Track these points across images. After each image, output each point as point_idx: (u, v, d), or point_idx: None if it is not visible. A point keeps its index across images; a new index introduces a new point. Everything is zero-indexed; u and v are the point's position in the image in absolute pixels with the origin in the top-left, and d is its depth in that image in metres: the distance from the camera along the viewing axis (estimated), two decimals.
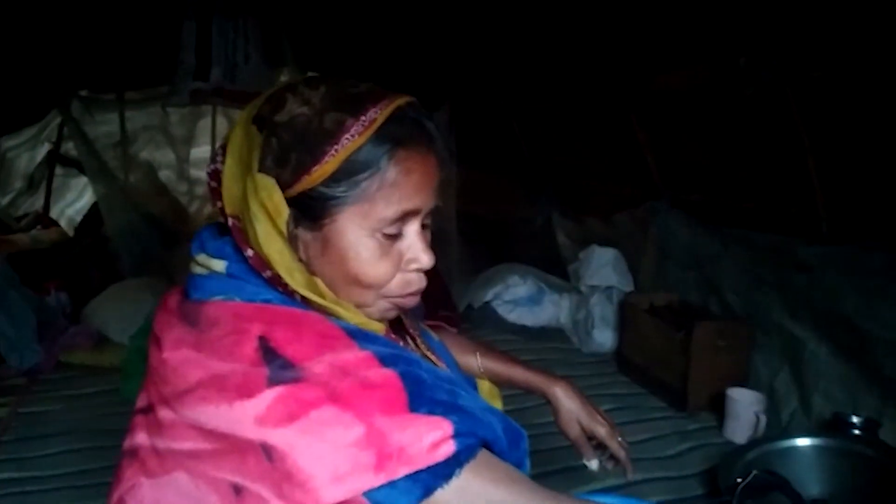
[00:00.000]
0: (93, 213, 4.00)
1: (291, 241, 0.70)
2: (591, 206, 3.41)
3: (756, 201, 2.40)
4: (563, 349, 3.02)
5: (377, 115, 0.68)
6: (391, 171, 0.69)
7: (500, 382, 1.12)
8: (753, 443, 1.90)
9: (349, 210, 0.69)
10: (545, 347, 3.01)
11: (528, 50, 3.16)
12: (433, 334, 1.03)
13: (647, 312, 2.59)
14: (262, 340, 0.64)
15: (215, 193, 0.73)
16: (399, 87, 0.73)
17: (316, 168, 0.67)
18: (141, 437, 0.69)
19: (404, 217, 0.71)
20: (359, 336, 0.68)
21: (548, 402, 1.10)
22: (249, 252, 0.70)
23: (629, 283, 2.99)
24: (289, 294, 0.70)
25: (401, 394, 0.63)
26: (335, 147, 0.67)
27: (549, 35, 2.89)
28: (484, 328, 3.17)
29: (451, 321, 2.93)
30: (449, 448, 0.62)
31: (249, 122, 0.70)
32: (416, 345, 0.90)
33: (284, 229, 0.68)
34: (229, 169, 0.71)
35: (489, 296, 3.27)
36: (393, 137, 0.68)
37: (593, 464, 1.10)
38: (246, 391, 0.61)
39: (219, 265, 0.72)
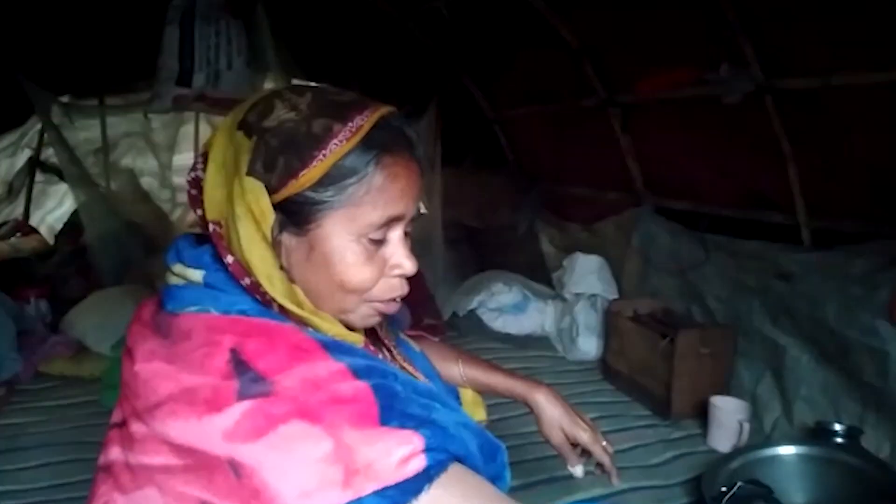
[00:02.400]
0: (73, 220, 3.95)
1: (275, 247, 0.69)
2: (574, 213, 3.42)
3: (738, 208, 2.42)
4: (548, 357, 3.02)
5: (363, 121, 0.69)
6: (378, 177, 0.69)
7: (481, 390, 1.13)
8: (737, 451, 1.90)
9: (335, 215, 0.69)
10: (530, 355, 3.01)
11: (513, 56, 3.17)
12: (413, 344, 1.02)
13: (631, 320, 2.60)
14: (234, 353, 0.63)
15: (195, 201, 0.73)
16: (383, 93, 0.75)
17: (304, 172, 0.67)
18: (114, 453, 0.68)
19: (389, 222, 0.72)
20: (333, 348, 0.67)
21: (530, 410, 1.11)
22: (230, 259, 0.69)
23: (613, 291, 3.00)
24: (266, 303, 0.70)
25: (372, 407, 0.62)
26: (323, 152, 0.67)
27: (533, 41, 2.90)
28: (469, 336, 3.17)
29: (435, 329, 2.92)
30: (419, 463, 0.61)
31: (234, 129, 0.70)
32: (393, 356, 0.89)
33: (269, 234, 0.68)
34: (211, 175, 0.70)
35: (474, 303, 3.27)
36: (378, 144, 0.69)
37: (578, 470, 1.10)
38: (215, 405, 0.60)
39: (195, 275, 0.72)
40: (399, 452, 0.60)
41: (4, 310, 2.73)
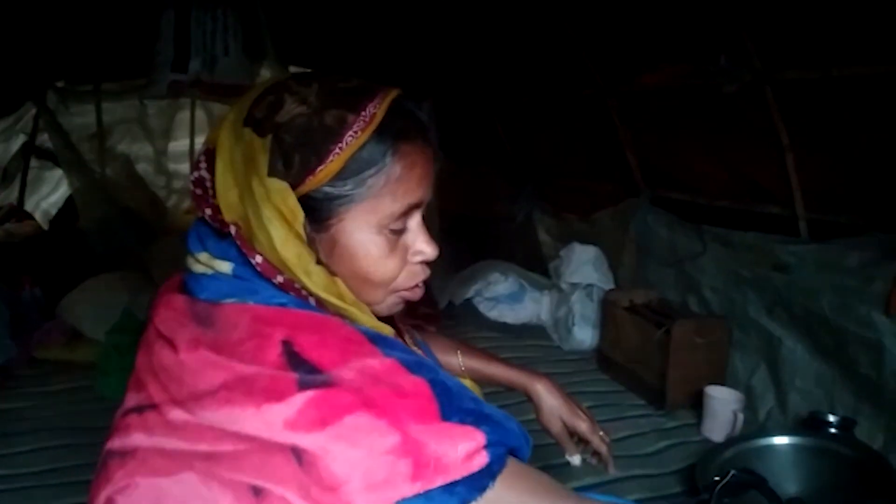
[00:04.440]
0: (68, 206, 3.94)
1: (310, 243, 0.68)
2: (571, 203, 3.42)
3: (735, 200, 2.42)
4: (544, 346, 3.02)
5: (376, 109, 0.68)
6: (396, 166, 0.68)
7: (481, 380, 1.12)
8: (731, 441, 1.91)
9: (356, 208, 0.68)
10: (526, 345, 3.01)
11: (511, 47, 3.16)
12: (418, 336, 1.02)
13: (627, 310, 2.60)
14: (287, 345, 0.62)
15: (201, 201, 0.71)
16: (381, 81, 0.72)
17: (321, 168, 0.66)
18: (138, 438, 0.66)
19: (409, 211, 0.71)
20: (380, 342, 0.66)
21: (529, 399, 1.12)
22: (258, 258, 0.67)
23: (609, 281, 3.00)
24: (303, 298, 0.69)
25: (432, 402, 0.62)
26: (339, 145, 0.66)
27: (532, 32, 2.89)
28: (465, 325, 3.18)
29: (432, 318, 2.93)
30: (482, 459, 0.61)
31: (239, 125, 0.68)
32: (408, 345, 0.89)
33: (302, 232, 0.67)
34: (221, 175, 0.68)
35: (470, 293, 3.27)
36: (394, 131, 0.68)
37: (575, 459, 1.12)
38: (275, 395, 0.59)
39: (224, 266, 0.70)
40: (464, 448, 0.60)
41: None
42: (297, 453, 0.58)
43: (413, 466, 0.58)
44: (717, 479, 1.34)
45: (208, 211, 0.71)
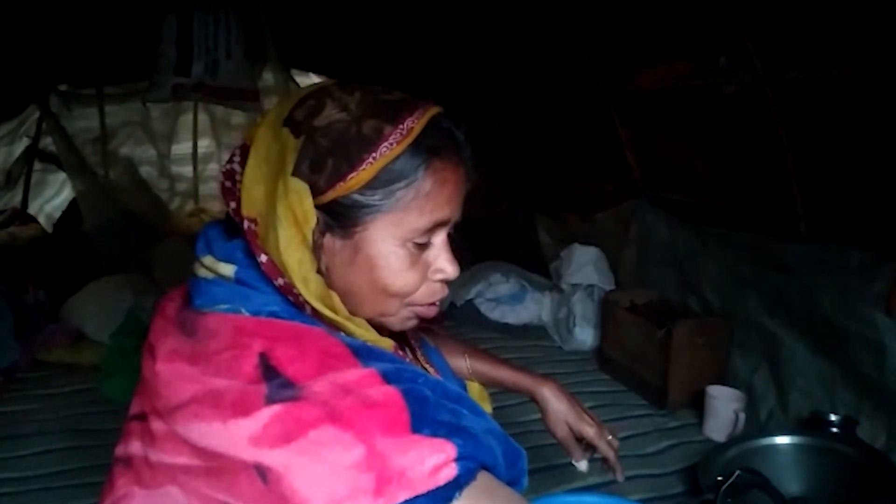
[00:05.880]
0: (71, 209, 3.95)
1: (315, 250, 0.68)
2: (572, 204, 3.42)
3: (735, 200, 2.42)
4: (545, 347, 3.03)
5: (414, 123, 0.68)
6: (427, 182, 0.68)
7: (487, 383, 1.12)
8: (733, 441, 1.91)
9: (382, 219, 0.68)
10: (527, 345, 3.02)
11: (511, 48, 3.17)
12: (428, 340, 1.01)
13: (628, 310, 2.61)
14: (263, 357, 0.62)
15: (228, 193, 0.71)
16: (382, 83, 0.73)
17: (353, 175, 0.66)
18: (135, 446, 0.67)
19: (435, 227, 0.71)
20: (363, 353, 0.66)
21: (535, 403, 1.11)
22: (263, 258, 0.67)
23: (610, 282, 3.01)
24: (299, 305, 0.69)
25: (403, 413, 0.60)
26: (373, 155, 0.66)
27: (532, 33, 2.89)
28: (466, 326, 3.18)
29: (433, 319, 2.92)
30: (450, 472, 0.59)
31: (279, 124, 0.68)
32: (416, 358, 0.89)
33: (310, 237, 0.67)
34: (251, 170, 0.68)
35: (472, 294, 3.27)
36: (429, 147, 0.68)
37: (582, 465, 1.10)
38: (242, 409, 0.58)
39: (227, 269, 0.70)
40: (432, 461, 0.58)
41: (2, 298, 2.73)
42: (262, 472, 0.57)
43: (376, 481, 0.56)
44: (720, 478, 1.35)
45: (233, 204, 0.71)
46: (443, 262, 0.74)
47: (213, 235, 0.74)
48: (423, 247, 0.72)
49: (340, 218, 0.68)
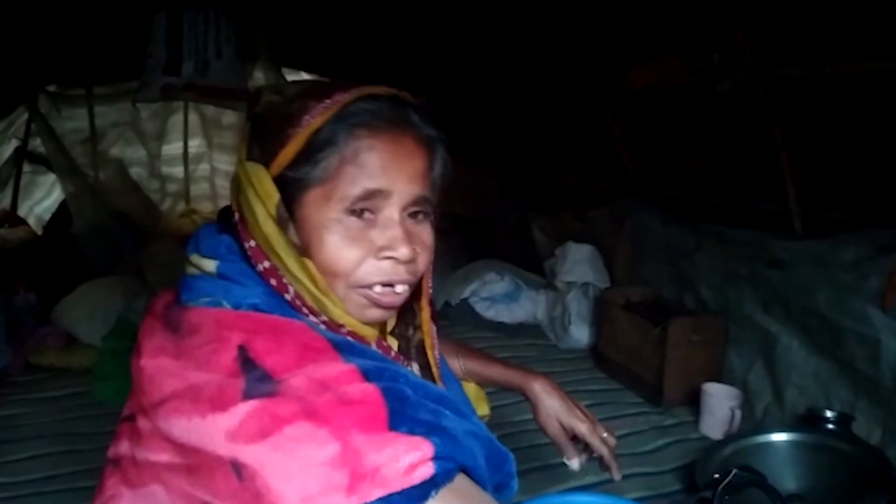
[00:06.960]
0: (62, 211, 3.92)
1: (283, 224, 0.69)
2: (566, 202, 3.41)
3: (729, 197, 2.42)
4: (540, 345, 3.02)
5: (343, 98, 0.68)
6: (350, 146, 0.68)
7: (481, 383, 1.11)
8: (729, 438, 1.91)
9: (314, 192, 0.68)
10: (522, 344, 3.01)
11: (505, 46, 3.16)
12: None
13: (623, 308, 2.60)
14: (242, 350, 0.61)
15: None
16: (374, 81, 0.72)
17: (281, 152, 0.68)
18: (124, 447, 0.67)
19: (370, 197, 0.69)
20: (345, 348, 0.65)
21: (527, 399, 1.09)
22: (251, 243, 0.70)
23: (605, 279, 3.01)
24: (281, 290, 0.69)
25: (380, 410, 0.60)
26: (297, 129, 0.67)
27: (526, 31, 2.89)
28: (461, 325, 3.17)
29: (432, 319, 2.92)
30: (427, 471, 0.58)
31: (246, 118, 0.74)
32: (431, 368, 0.88)
33: (274, 212, 0.68)
34: (236, 164, 0.73)
35: (466, 293, 3.26)
36: (354, 115, 0.68)
37: (574, 463, 1.07)
38: (219, 404, 0.58)
39: (209, 265, 0.71)
40: (407, 459, 0.57)
41: None
42: (237, 468, 0.56)
43: (350, 478, 0.55)
44: (716, 476, 1.34)
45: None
46: (391, 240, 0.70)
47: (203, 234, 0.75)
48: (365, 221, 0.70)
49: (284, 197, 0.69)
